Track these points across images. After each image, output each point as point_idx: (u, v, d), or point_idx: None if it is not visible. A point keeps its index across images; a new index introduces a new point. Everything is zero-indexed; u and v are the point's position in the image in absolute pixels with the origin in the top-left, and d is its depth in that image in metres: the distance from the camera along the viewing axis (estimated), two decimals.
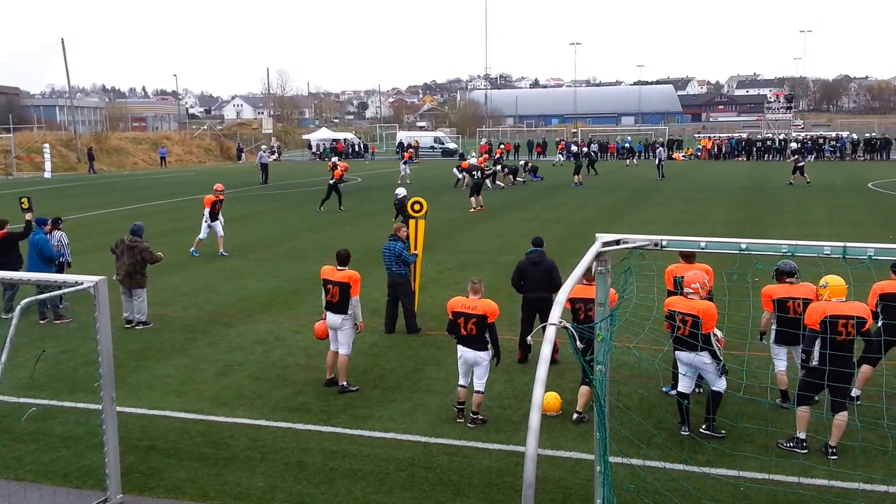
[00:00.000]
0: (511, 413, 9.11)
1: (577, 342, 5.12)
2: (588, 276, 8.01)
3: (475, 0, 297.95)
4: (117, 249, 13.22)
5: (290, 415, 9.19)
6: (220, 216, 20.04)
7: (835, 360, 7.37)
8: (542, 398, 4.55)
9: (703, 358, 8.17)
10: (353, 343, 10.10)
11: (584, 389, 8.85)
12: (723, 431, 8.32)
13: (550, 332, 4.90)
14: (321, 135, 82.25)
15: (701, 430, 8.32)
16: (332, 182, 29.39)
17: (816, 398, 8.43)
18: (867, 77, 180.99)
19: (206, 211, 19.71)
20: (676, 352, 8.31)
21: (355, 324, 10.03)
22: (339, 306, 9.86)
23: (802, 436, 7.74)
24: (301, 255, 19.21)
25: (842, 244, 5.57)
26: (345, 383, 9.91)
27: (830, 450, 7.69)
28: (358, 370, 10.59)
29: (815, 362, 7.60)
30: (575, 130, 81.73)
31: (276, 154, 73.68)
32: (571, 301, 8.98)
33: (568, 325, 5.05)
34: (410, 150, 51.57)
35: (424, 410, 9.28)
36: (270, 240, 22.62)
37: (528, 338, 10.58)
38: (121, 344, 11.67)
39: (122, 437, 7.55)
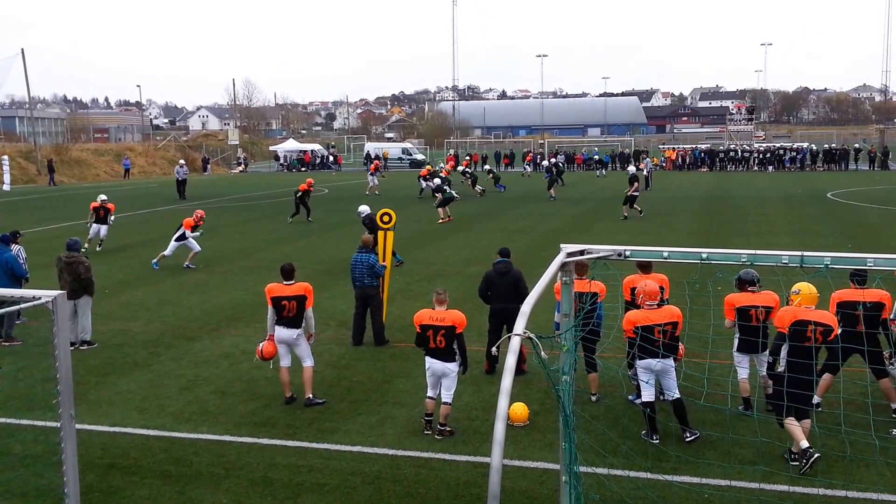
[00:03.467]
0: (479, 424, 9.11)
1: (542, 353, 5.14)
2: (580, 271, 8.05)
3: (443, 12, 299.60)
4: (57, 267, 12.68)
5: (255, 430, 9.10)
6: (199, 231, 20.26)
7: (800, 366, 7.44)
8: (508, 409, 4.56)
9: (670, 361, 8.31)
10: (313, 355, 10.06)
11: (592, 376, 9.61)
12: (696, 431, 8.43)
13: (515, 342, 4.92)
14: (288, 146, 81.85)
15: (686, 440, 8.39)
16: (299, 195, 29.27)
17: (818, 406, 8.58)
18: (826, 89, 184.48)
19: (184, 231, 19.62)
20: (645, 360, 8.33)
21: (308, 335, 10.00)
22: (295, 320, 9.80)
23: (805, 444, 7.57)
24: (268, 267, 19.04)
25: (799, 253, 5.65)
26: (311, 396, 9.83)
27: (793, 456, 7.75)
28: (325, 383, 10.53)
29: (780, 368, 7.63)
30: (542, 142, 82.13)
31: (243, 165, 73.24)
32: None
33: (532, 335, 5.07)
34: (377, 161, 51.34)
35: (392, 423, 9.24)
36: (236, 252, 22.44)
37: (493, 348, 10.59)
38: (81, 360, 11.49)
39: (81, 455, 7.40)
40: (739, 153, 62.99)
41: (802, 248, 7.47)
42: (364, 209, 20.30)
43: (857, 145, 64.93)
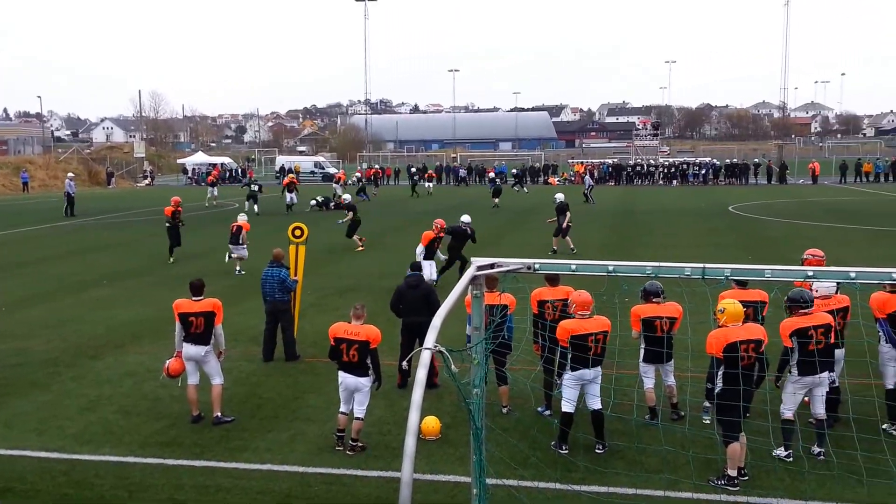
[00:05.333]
0: (391, 439, 9.06)
1: (452, 366, 5.16)
2: (490, 284, 8.09)
3: (355, 26, 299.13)
4: None
5: (161, 450, 8.82)
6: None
7: (736, 390, 7.44)
8: (418, 423, 4.56)
9: (599, 370, 8.50)
10: (222, 372, 9.84)
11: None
12: (607, 444, 8.61)
13: (426, 356, 4.93)
14: (197, 159, 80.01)
15: (597, 451, 8.53)
16: (168, 224, 23.36)
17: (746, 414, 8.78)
18: (727, 106, 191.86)
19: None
20: (579, 370, 8.40)
21: (219, 352, 9.80)
22: (203, 337, 9.59)
23: (734, 473, 7.69)
24: (176, 282, 18.53)
25: (701, 265, 5.86)
26: (219, 414, 9.61)
27: (742, 472, 7.79)
28: (234, 400, 10.30)
29: (718, 388, 7.65)
30: (454, 156, 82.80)
31: (150, 179, 71.20)
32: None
33: (443, 349, 5.09)
34: (291, 175, 50.40)
35: (303, 439, 9.12)
36: (143, 267, 21.79)
37: (403, 363, 10.56)
38: None
39: None
40: (645, 168, 64.86)
41: (706, 259, 7.74)
42: (466, 219, 19.00)
43: (756, 160, 67.80)
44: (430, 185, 53.50)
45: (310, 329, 13.71)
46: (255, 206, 37.04)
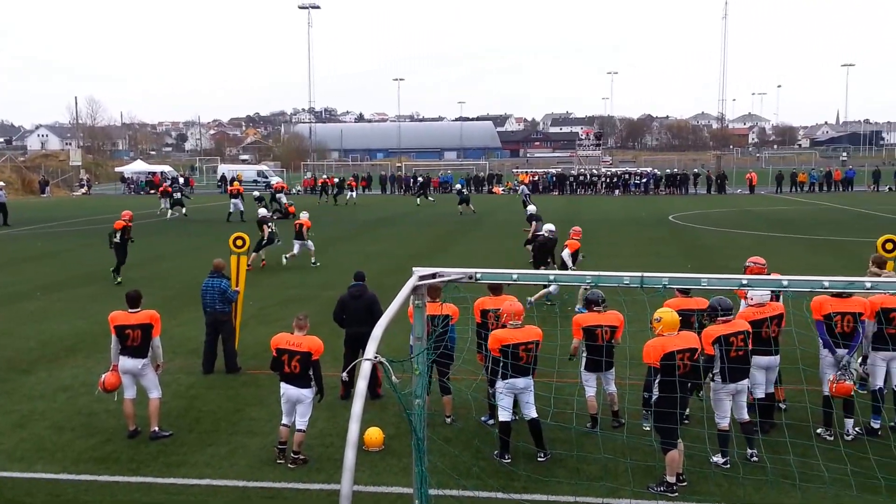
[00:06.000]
0: (333, 451, 8.96)
1: (393, 377, 5.13)
2: (433, 294, 8.13)
3: (298, 33, 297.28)
4: None
5: (95, 466, 8.58)
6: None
7: (673, 398, 7.56)
8: (358, 435, 4.52)
9: (531, 379, 8.53)
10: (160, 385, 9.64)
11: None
12: (549, 452, 8.64)
13: (366, 367, 4.89)
14: (136, 167, 78.43)
15: (539, 459, 8.56)
16: (116, 239, 20.66)
17: (686, 419, 8.84)
18: (668, 117, 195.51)
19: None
20: (510, 379, 8.43)
21: (156, 365, 9.60)
22: (140, 350, 9.39)
23: (672, 480, 7.78)
24: (113, 294, 18.08)
25: (640, 275, 5.93)
26: (157, 428, 9.39)
27: (680, 478, 7.89)
28: (172, 414, 10.08)
29: (655, 397, 7.72)
30: (399, 164, 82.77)
31: (86, 187, 69.54)
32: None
33: (383, 359, 5.05)
34: (236, 183, 49.06)
35: (244, 453, 8.96)
36: (79, 279, 21.24)
37: (344, 374, 10.42)
38: None
39: None
40: (588, 177, 65.72)
41: (647, 268, 7.83)
42: (549, 227, 18.16)
43: (696, 170, 69.25)
44: (353, 194, 52.11)
45: (251, 340, 13.51)
46: (182, 211, 38.81)
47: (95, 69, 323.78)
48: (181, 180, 73.30)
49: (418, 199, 51.56)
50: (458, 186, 50.55)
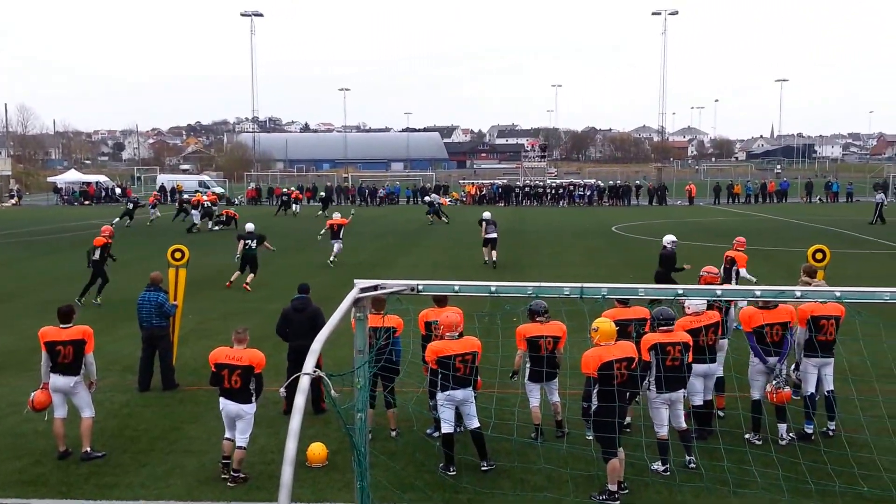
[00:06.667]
0: (275, 468, 8.77)
1: (332, 391, 5.03)
2: (377, 306, 8.30)
3: (241, 40, 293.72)
4: None
5: (23, 489, 8.26)
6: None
7: (612, 407, 7.60)
8: (295, 452, 4.41)
9: (471, 390, 8.48)
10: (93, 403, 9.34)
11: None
12: (493, 462, 8.58)
13: (304, 381, 4.78)
14: (69, 177, 76.39)
15: (482, 469, 8.50)
16: (95, 257, 19.33)
17: (627, 430, 8.84)
18: (611, 129, 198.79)
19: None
20: (448, 391, 8.38)
21: (89, 382, 9.32)
22: (73, 367, 9.09)
23: (614, 488, 7.81)
24: (44, 309, 17.46)
25: (579, 285, 5.95)
26: (88, 449, 9.09)
27: (622, 486, 7.91)
28: (106, 434, 9.78)
29: (594, 406, 7.76)
30: (346, 175, 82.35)
31: (16, 198, 67.57)
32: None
33: (322, 374, 4.95)
34: (199, 194, 47.42)
35: (181, 472, 8.72)
36: (7, 293, 20.55)
37: (281, 389, 10.19)
38: None
39: None
40: (534, 188, 66.28)
41: (590, 278, 7.89)
42: (671, 238, 17.86)
43: (638, 182, 70.41)
44: (296, 207, 50.14)
45: (190, 356, 13.21)
46: (128, 222, 37.91)
47: (27, 74, 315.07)
48: (118, 190, 71.95)
49: (279, 214, 48.81)
50: (428, 199, 49.77)
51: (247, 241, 20.82)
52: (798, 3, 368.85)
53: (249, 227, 21.86)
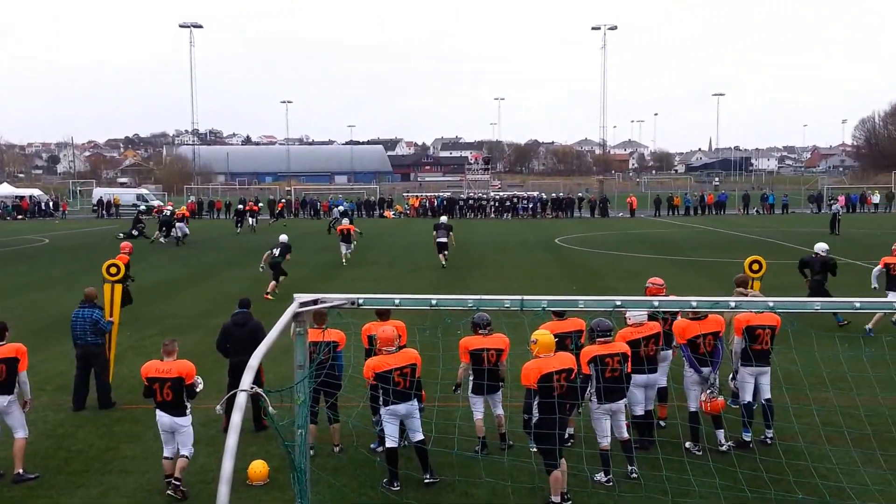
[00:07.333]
0: (214, 487, 8.53)
1: (270, 408, 4.97)
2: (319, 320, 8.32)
3: (181, 52, 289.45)
4: None
5: None
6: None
7: (553, 419, 7.64)
8: (231, 470, 4.34)
9: (415, 403, 8.43)
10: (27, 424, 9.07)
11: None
12: (437, 476, 8.57)
13: (241, 398, 4.72)
14: (2, 191, 74.11)
15: (426, 481, 8.48)
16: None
17: (569, 441, 8.87)
18: (553, 142, 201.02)
19: None
20: (391, 406, 8.33)
21: (23, 402, 9.06)
22: (6, 386, 8.83)
23: (557, 499, 7.84)
24: None
25: (520, 297, 6.01)
26: (21, 471, 8.81)
27: (565, 497, 7.93)
28: (39, 455, 9.49)
29: (535, 418, 7.78)
30: (289, 188, 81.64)
31: None
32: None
33: (259, 390, 4.90)
34: (183, 208, 45.38)
35: (117, 493, 8.51)
36: None
37: (217, 407, 10.00)
38: None
39: None
40: (478, 201, 66.64)
41: (532, 290, 7.95)
42: (823, 246, 16.87)
43: (580, 194, 71.36)
44: (253, 220, 48.37)
45: (127, 373, 12.91)
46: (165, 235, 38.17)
47: None
48: (51, 204, 70.14)
49: (238, 229, 46.07)
50: (340, 209, 49.19)
51: (273, 250, 22.13)
52: (734, 20, 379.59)
53: (283, 238, 23.04)
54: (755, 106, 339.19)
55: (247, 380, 4.83)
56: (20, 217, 64.72)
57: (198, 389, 8.64)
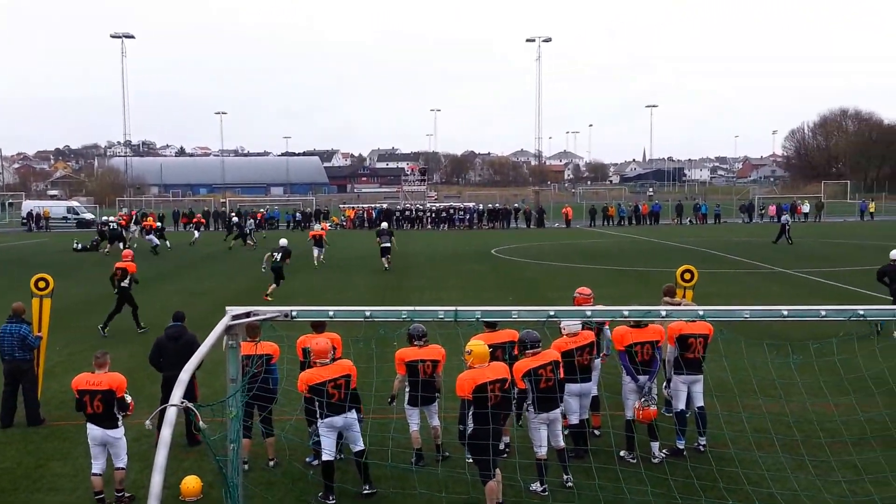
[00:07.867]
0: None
1: (200, 422, 4.94)
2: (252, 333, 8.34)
3: (112, 62, 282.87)
4: None
5: None
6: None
7: (487, 430, 7.68)
8: (160, 486, 4.32)
9: (353, 415, 8.43)
10: None
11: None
12: (375, 487, 8.57)
13: (171, 413, 4.69)
14: None
15: (364, 492, 8.47)
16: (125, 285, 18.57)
17: (505, 452, 8.94)
18: (489, 153, 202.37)
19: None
20: (328, 418, 8.30)
21: None
22: None
23: None
24: None
25: (453, 308, 6.10)
26: None
27: None
28: None
29: (470, 429, 7.82)
30: (224, 200, 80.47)
31: None
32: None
33: (191, 405, 4.87)
34: (150, 218, 44.10)
35: None
36: None
37: (147, 422, 9.85)
38: None
39: None
40: (414, 212, 66.73)
41: (469, 301, 8.04)
42: (283, 241, 17.88)
43: (516, 205, 72.03)
44: (197, 234, 46.88)
45: (57, 389, 12.60)
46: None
47: None
48: None
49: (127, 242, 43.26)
50: (236, 220, 47.64)
51: (274, 254, 23.32)
52: (667, 33, 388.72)
53: (283, 242, 24.22)
54: (688, 117, 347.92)
55: (177, 394, 4.81)
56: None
57: (128, 401, 8.56)
